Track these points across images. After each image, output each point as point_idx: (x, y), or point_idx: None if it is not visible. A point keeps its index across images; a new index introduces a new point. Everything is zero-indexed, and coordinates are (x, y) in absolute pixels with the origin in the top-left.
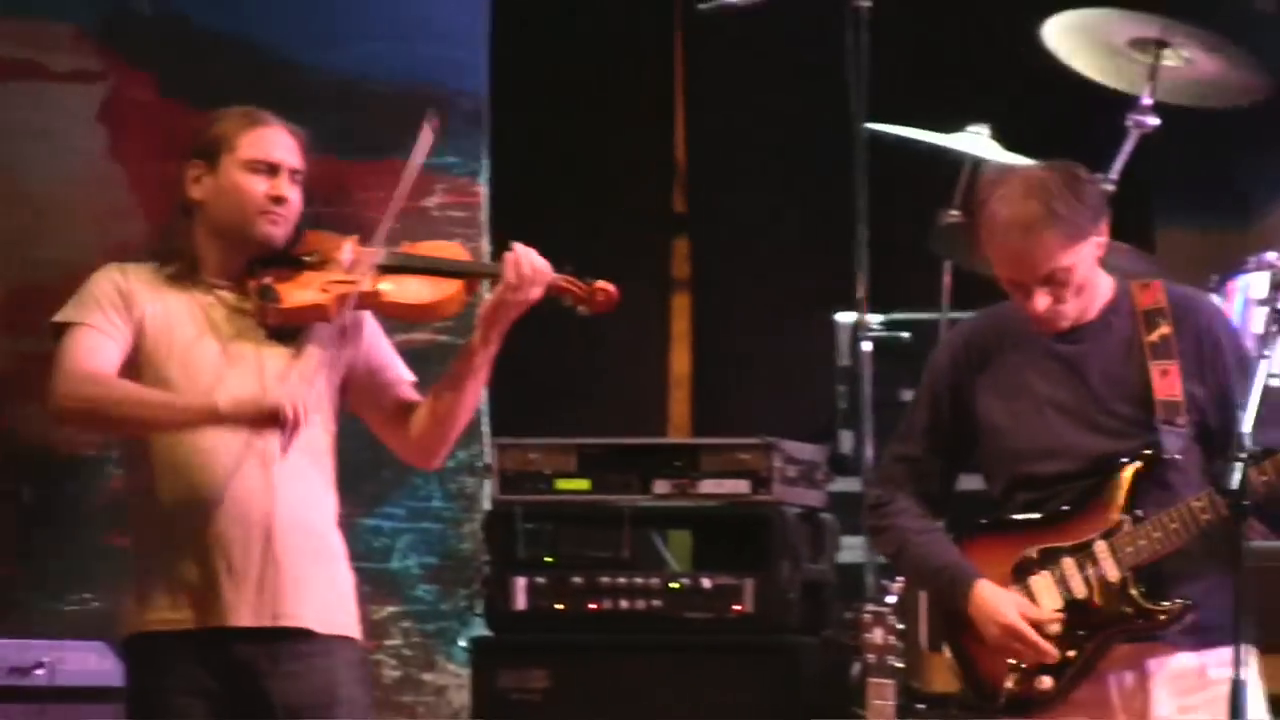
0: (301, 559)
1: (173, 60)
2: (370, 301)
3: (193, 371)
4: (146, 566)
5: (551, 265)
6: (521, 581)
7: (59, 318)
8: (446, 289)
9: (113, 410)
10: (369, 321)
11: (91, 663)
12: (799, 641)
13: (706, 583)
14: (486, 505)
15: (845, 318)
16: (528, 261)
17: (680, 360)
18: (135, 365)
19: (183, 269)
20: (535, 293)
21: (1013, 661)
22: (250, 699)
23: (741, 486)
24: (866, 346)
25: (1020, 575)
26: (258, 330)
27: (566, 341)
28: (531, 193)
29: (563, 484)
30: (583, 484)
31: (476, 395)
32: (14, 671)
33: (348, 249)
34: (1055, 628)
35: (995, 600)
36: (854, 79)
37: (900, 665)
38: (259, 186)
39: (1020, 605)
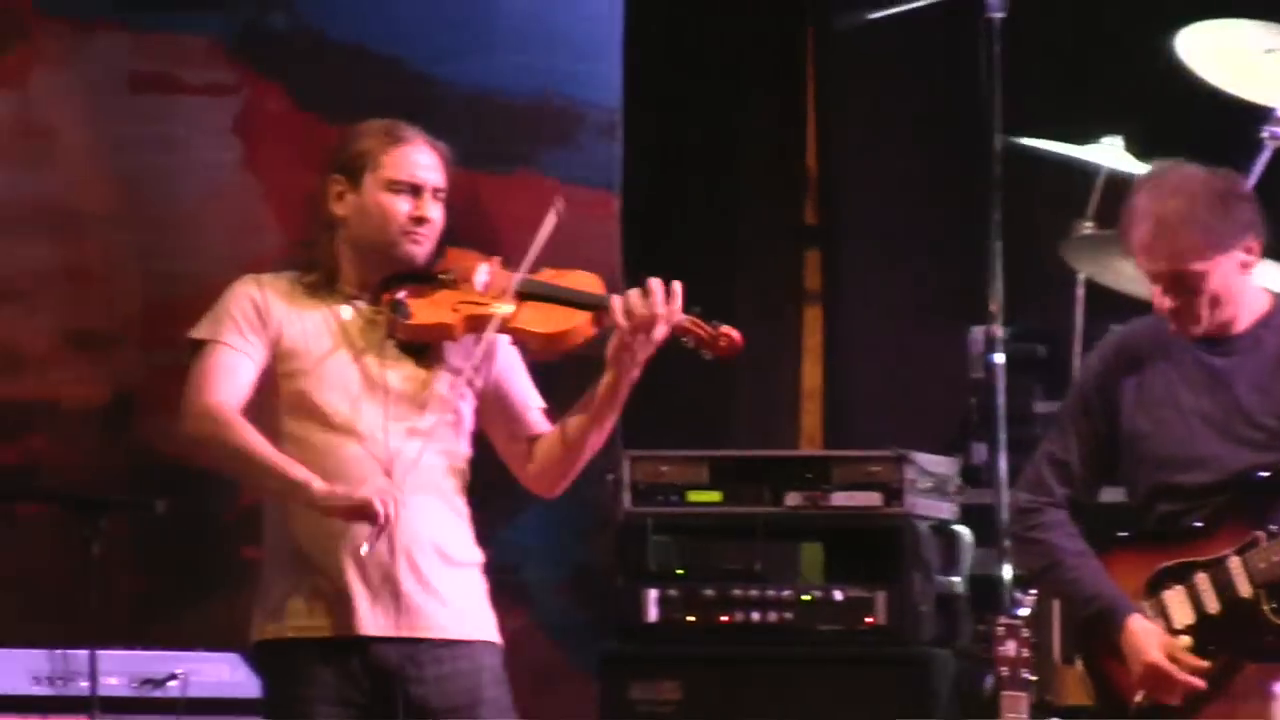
0: (434, 568)
1: (306, 73)
2: (500, 326)
3: (328, 387)
4: (281, 575)
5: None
6: (652, 593)
7: (195, 333)
8: (574, 320)
9: (224, 457)
10: (504, 346)
11: (225, 674)
12: (931, 654)
13: (838, 595)
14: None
15: (978, 330)
16: (642, 304)
17: (812, 372)
18: (272, 380)
19: (321, 280)
20: (659, 334)
21: None
22: (393, 704)
23: (873, 499)
24: (999, 359)
25: (1154, 589)
26: (389, 344)
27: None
28: (662, 205)
29: (694, 496)
30: (714, 496)
31: (604, 434)
32: (147, 683)
33: (484, 271)
34: (1185, 640)
35: (1145, 638)
36: (987, 90)
37: (1033, 678)
38: (402, 207)
39: (1166, 645)
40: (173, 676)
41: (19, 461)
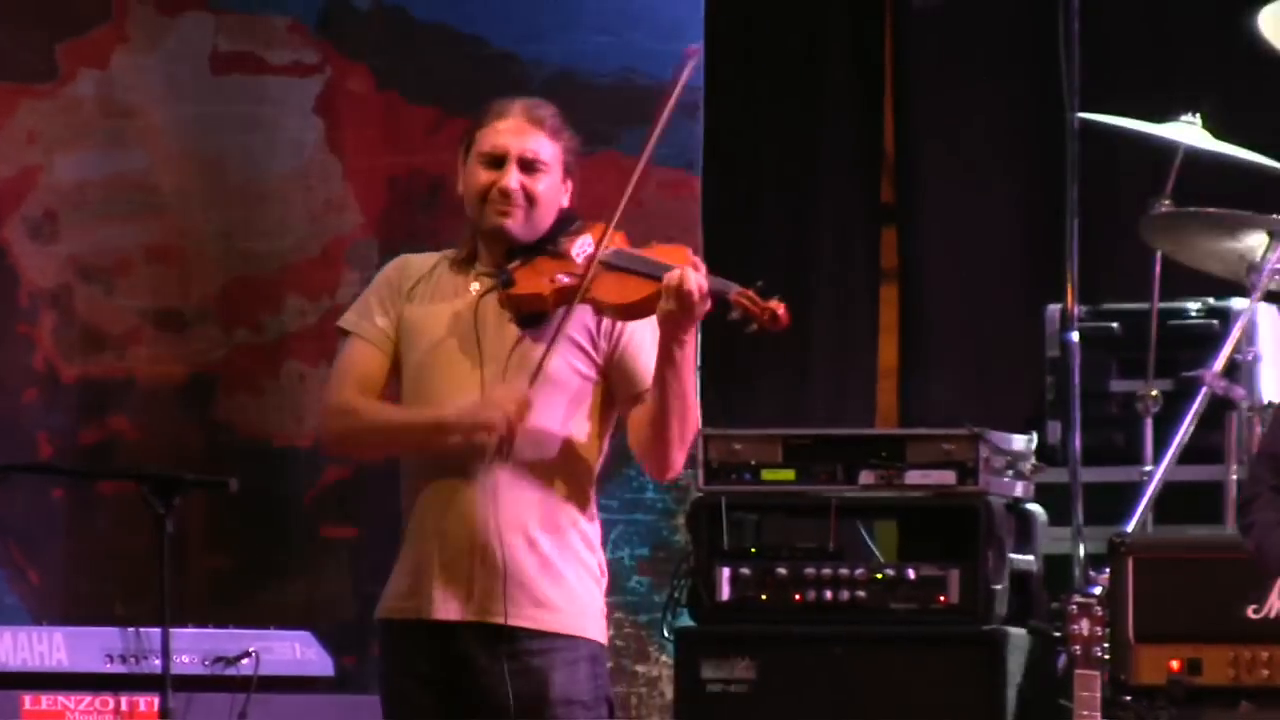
0: (523, 558)
1: (389, 52)
2: (585, 297)
3: (438, 365)
4: (400, 554)
5: (741, 279)
6: (726, 572)
7: (342, 322)
8: (645, 290)
9: (365, 442)
10: (639, 325)
11: (297, 652)
12: (1004, 632)
13: (912, 574)
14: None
15: (1054, 308)
16: (684, 281)
17: (888, 351)
18: (402, 354)
19: (465, 257)
20: (702, 309)
21: None
22: (468, 693)
23: (948, 477)
24: (1075, 337)
25: None
26: (506, 318)
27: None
28: (740, 184)
29: (768, 474)
30: (788, 474)
31: (678, 407)
32: (220, 661)
33: (584, 242)
34: None
35: None
36: (1065, 68)
37: (1107, 656)
38: (486, 178)
39: None
40: (245, 654)
41: (101, 440)
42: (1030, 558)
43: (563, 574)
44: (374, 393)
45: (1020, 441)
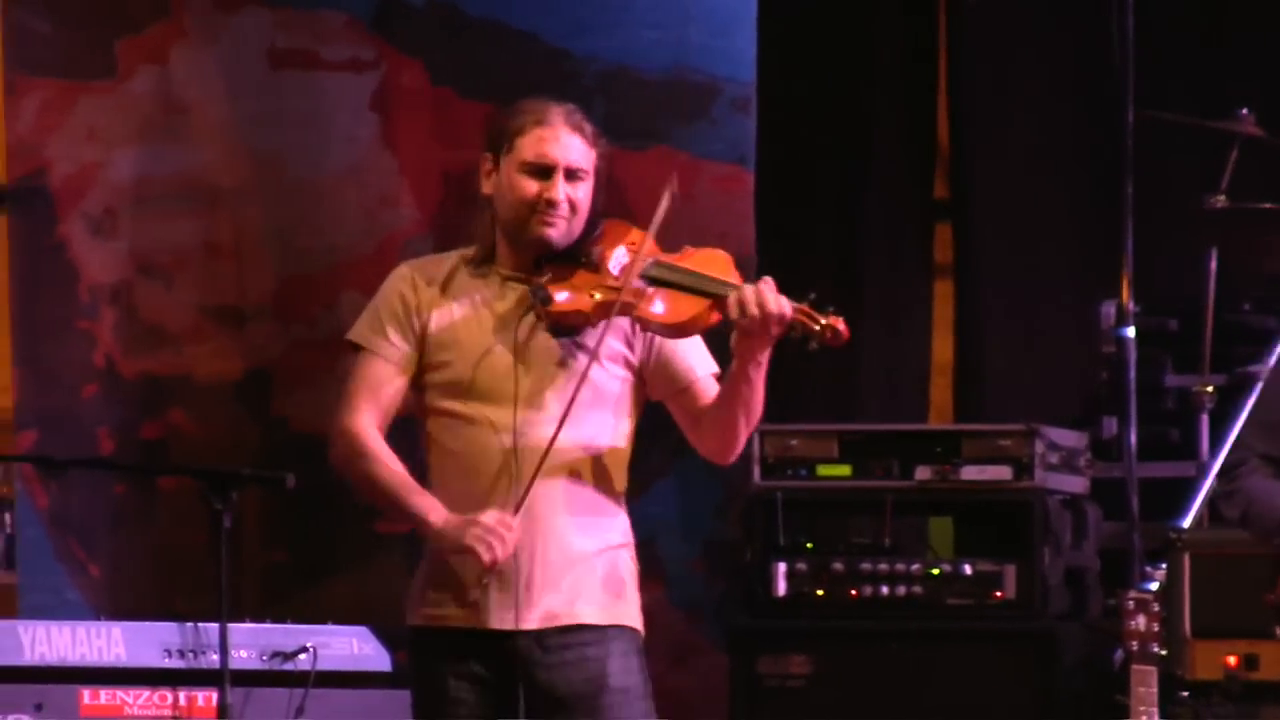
0: (562, 556)
1: (443, 48)
2: (627, 312)
3: (470, 376)
4: (429, 558)
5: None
6: (781, 567)
7: (351, 335)
8: (697, 308)
9: (357, 484)
10: None
11: (354, 647)
12: (1060, 628)
13: (967, 569)
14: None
15: (1109, 303)
16: (756, 301)
17: (942, 346)
18: (429, 369)
19: (481, 257)
20: (774, 330)
21: None
22: (520, 687)
23: (1003, 473)
24: (1130, 332)
25: None
26: (539, 327)
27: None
28: (794, 179)
29: (824, 470)
30: (844, 470)
31: (752, 409)
32: (277, 656)
33: (620, 253)
34: None
35: None
36: (1120, 62)
37: (1163, 652)
38: (532, 189)
39: None
40: (303, 649)
41: (160, 436)
42: (1086, 553)
43: (609, 568)
44: (387, 417)
45: (1075, 437)
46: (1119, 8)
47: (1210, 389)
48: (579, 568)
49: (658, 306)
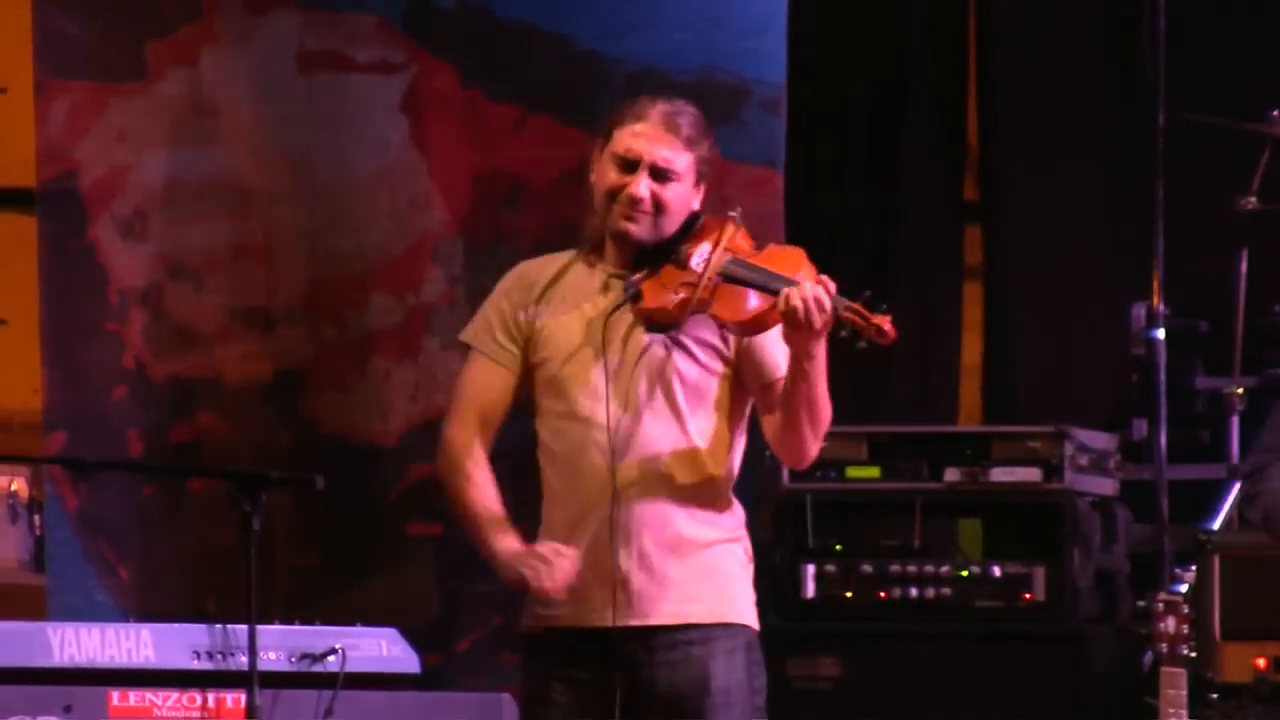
0: (660, 555)
1: (474, 50)
2: (703, 309)
3: (572, 374)
4: None
5: (844, 292)
6: (811, 569)
7: (464, 336)
8: (764, 305)
9: (451, 498)
10: None
11: (383, 649)
12: (1090, 630)
13: (997, 571)
14: None
15: (1139, 305)
16: (799, 296)
17: (972, 348)
18: (535, 368)
19: (590, 249)
20: (818, 325)
21: None
22: (625, 688)
23: (1033, 475)
24: (1160, 334)
25: None
26: (636, 324)
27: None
28: (823, 180)
29: (853, 472)
30: (873, 472)
31: (808, 406)
32: (306, 658)
33: (704, 250)
34: None
35: None
36: (1152, 64)
37: (1193, 655)
38: (615, 180)
39: None
40: (332, 651)
41: (189, 438)
42: (1116, 556)
43: (713, 565)
44: (492, 422)
45: (1105, 439)
46: (1150, 9)
47: (1240, 391)
48: (686, 563)
49: (729, 303)
